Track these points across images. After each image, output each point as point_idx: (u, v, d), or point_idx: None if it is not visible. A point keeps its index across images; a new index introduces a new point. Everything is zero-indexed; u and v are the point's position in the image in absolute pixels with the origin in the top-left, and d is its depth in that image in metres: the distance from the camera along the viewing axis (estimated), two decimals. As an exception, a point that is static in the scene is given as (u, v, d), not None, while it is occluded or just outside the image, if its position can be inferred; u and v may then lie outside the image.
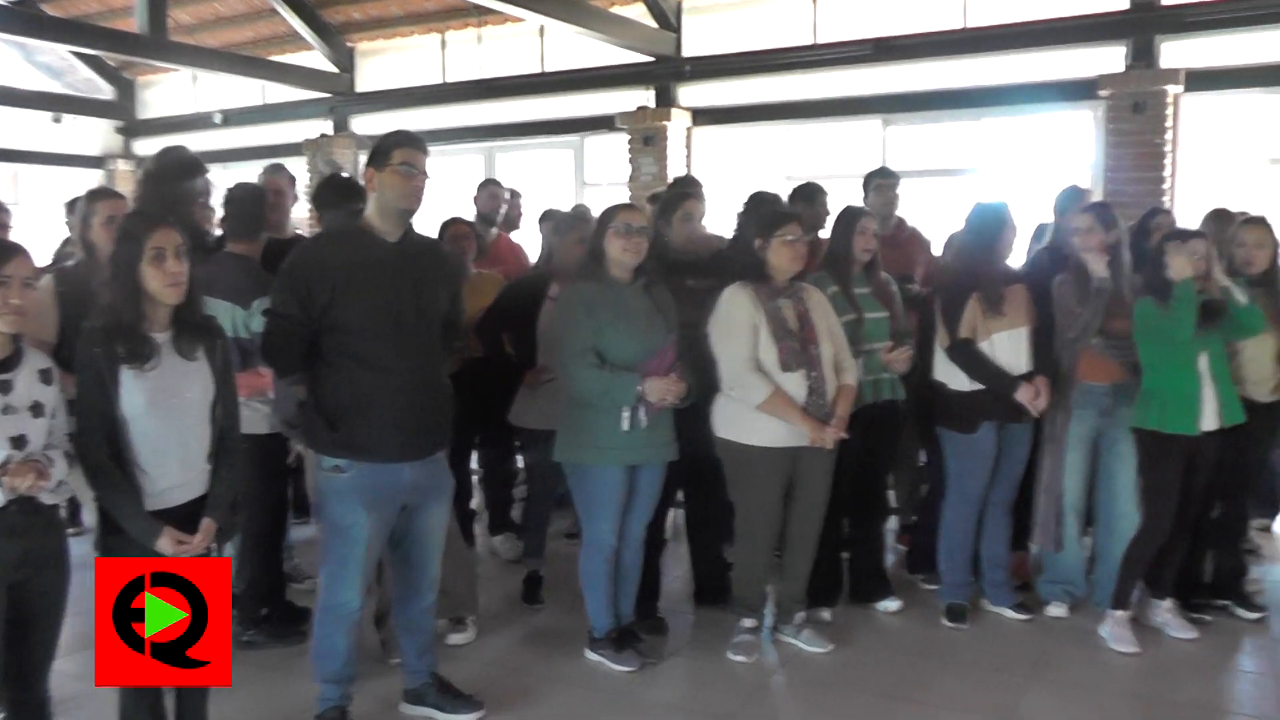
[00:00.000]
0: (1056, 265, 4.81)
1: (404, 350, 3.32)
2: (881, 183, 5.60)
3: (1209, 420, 4.35)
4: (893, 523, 5.85)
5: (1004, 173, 8.59)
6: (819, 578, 4.54)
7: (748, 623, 4.39)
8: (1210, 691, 4.13)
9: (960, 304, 4.49)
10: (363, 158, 5.94)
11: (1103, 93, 7.73)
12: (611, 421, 3.92)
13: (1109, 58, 7.83)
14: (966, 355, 4.50)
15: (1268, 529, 6.06)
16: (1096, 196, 7.38)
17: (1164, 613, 4.64)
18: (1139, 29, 7.74)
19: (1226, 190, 7.28)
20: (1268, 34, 7.41)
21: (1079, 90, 7.89)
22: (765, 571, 4.40)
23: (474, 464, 5.84)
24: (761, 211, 4.53)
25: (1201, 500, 4.57)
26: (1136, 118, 7.57)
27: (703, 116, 9.55)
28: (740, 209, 5.07)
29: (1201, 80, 7.62)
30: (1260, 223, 4.77)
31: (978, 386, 4.51)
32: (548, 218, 5.96)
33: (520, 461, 5.71)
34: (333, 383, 3.31)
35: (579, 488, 4.09)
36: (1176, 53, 7.73)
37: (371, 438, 3.30)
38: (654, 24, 9.39)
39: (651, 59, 9.42)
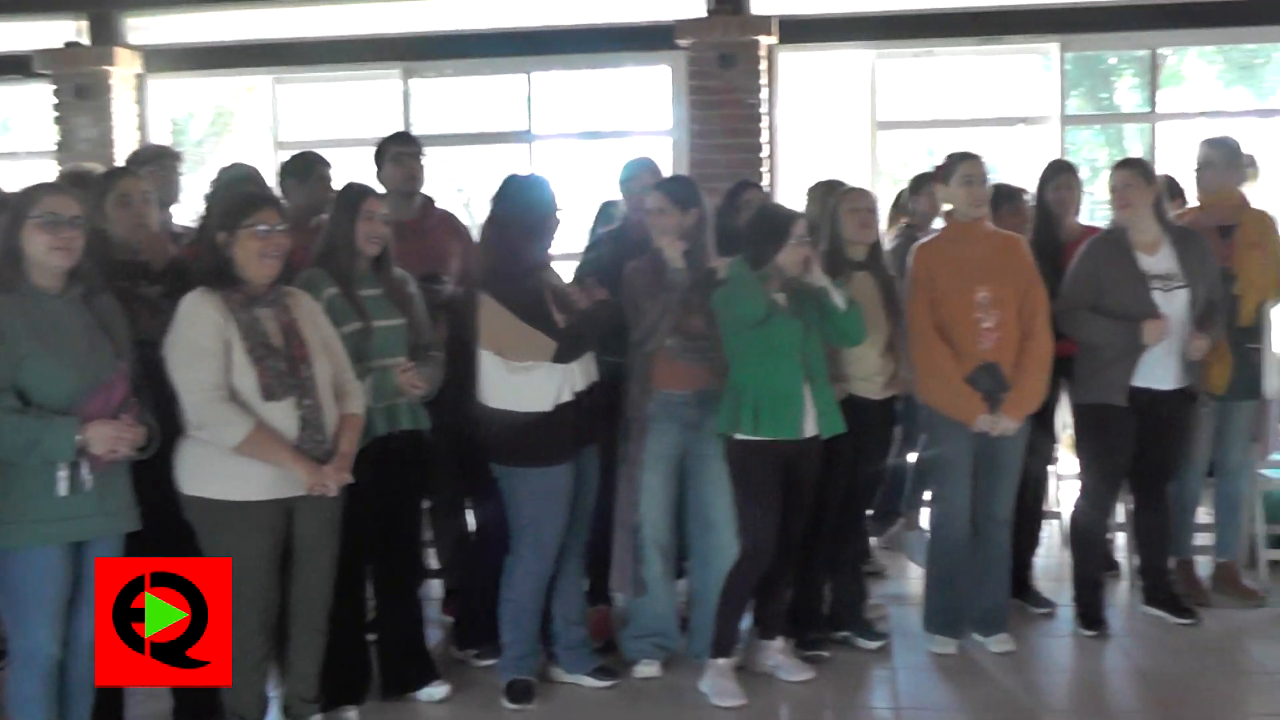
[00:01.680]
0: (625, 252, 5.01)
1: None
2: (400, 150, 5.46)
3: (809, 426, 4.68)
4: (436, 588, 5.90)
5: (564, 139, 8.94)
6: (336, 667, 4.41)
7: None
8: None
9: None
10: None
11: (682, 42, 8.16)
12: (43, 484, 3.65)
13: (687, 1, 8.29)
14: None
15: (891, 545, 6.67)
16: (682, 168, 7.90)
17: (775, 654, 4.93)
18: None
19: (832, 157, 7.99)
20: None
21: (654, 38, 8.25)
22: (262, 667, 4.23)
23: None
24: (224, 198, 4.40)
25: (811, 518, 4.90)
26: (725, 73, 8.10)
27: (158, 60, 8.97)
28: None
29: (797, 30, 8.27)
30: (862, 194, 5.21)
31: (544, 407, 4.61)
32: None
33: None
34: None
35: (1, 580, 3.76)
36: (767, 1, 8.30)
37: None
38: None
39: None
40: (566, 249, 5.34)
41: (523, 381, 4.57)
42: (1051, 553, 6.40)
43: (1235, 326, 5.55)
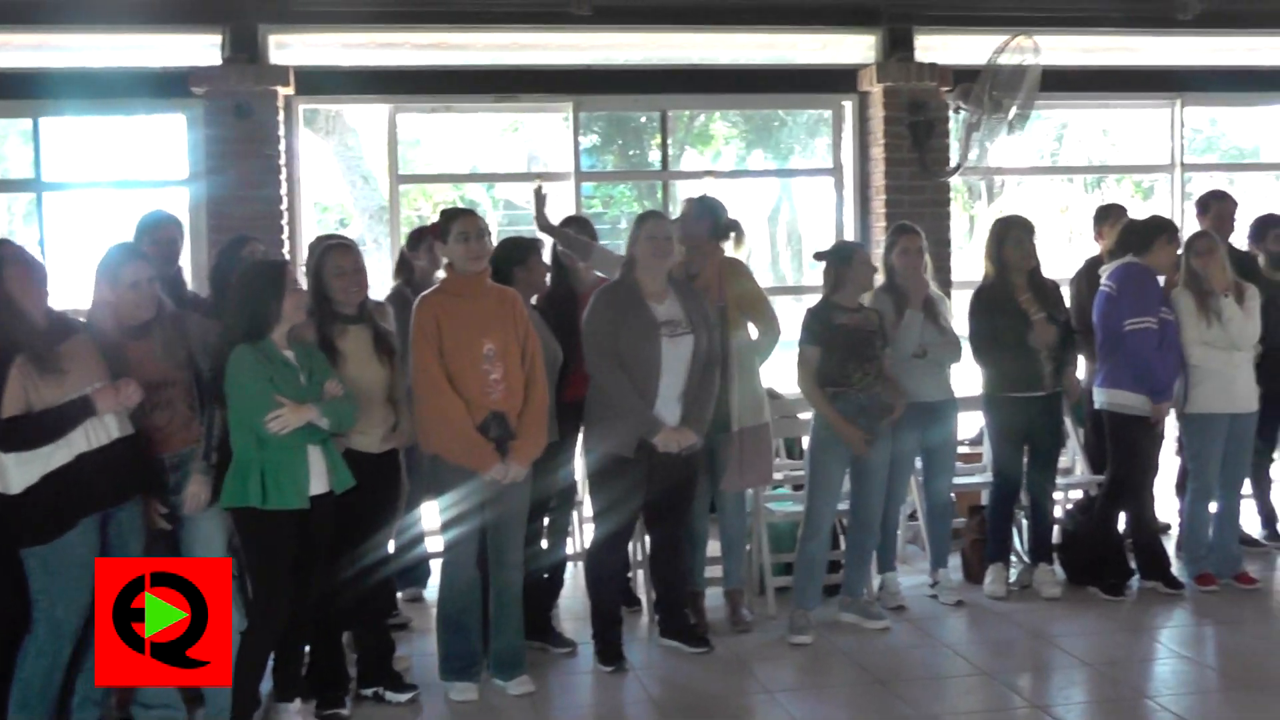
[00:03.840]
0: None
1: None
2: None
3: (317, 484, 4.75)
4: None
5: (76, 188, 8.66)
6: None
7: None
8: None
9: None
10: None
11: (197, 90, 8.03)
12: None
13: (203, 49, 8.19)
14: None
15: (419, 598, 6.75)
16: (200, 218, 7.77)
17: (293, 717, 4.92)
18: (236, 17, 8.16)
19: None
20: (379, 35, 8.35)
21: (169, 85, 8.09)
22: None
23: None
24: None
25: (324, 573, 4.94)
26: (241, 124, 8.00)
27: None
28: None
29: (315, 82, 8.33)
30: (346, 251, 5.27)
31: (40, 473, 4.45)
32: None
33: None
34: None
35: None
36: (286, 49, 8.34)
37: None
38: None
39: None
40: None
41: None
42: (576, 592, 6.67)
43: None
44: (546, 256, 6.12)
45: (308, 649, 5.12)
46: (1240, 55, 9.78)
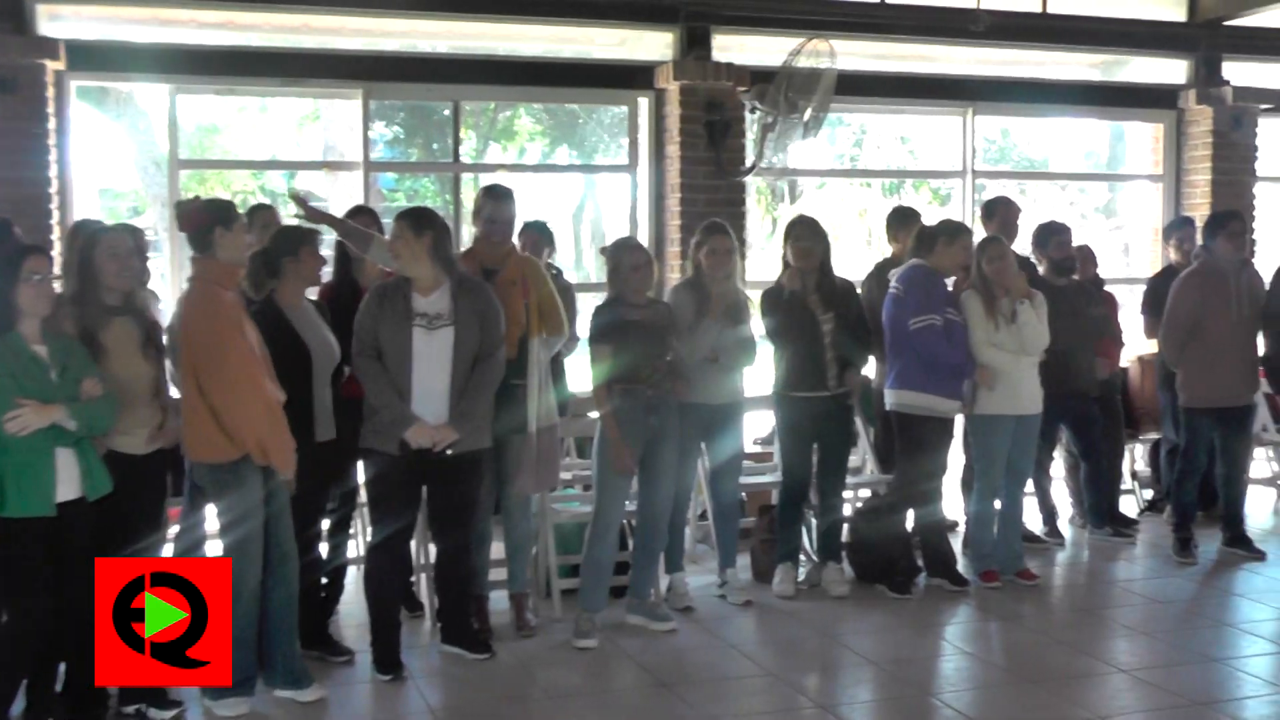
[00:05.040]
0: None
1: None
2: None
3: (67, 490, 4.52)
4: None
5: None
6: None
7: None
8: None
9: None
10: None
11: (-45, 63, 7.53)
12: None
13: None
14: None
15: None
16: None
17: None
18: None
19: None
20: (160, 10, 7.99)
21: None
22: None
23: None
24: None
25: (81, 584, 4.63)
26: (5, 99, 7.54)
27: None
28: None
29: (89, 57, 7.92)
30: (121, 238, 4.99)
31: None
32: None
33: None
34: None
35: None
36: (58, 21, 7.90)
37: None
38: None
39: None
40: None
41: None
42: (360, 598, 6.46)
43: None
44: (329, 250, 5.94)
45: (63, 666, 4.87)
46: (1029, 68, 10.10)
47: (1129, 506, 8.56)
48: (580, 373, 6.42)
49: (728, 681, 5.57)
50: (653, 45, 8.90)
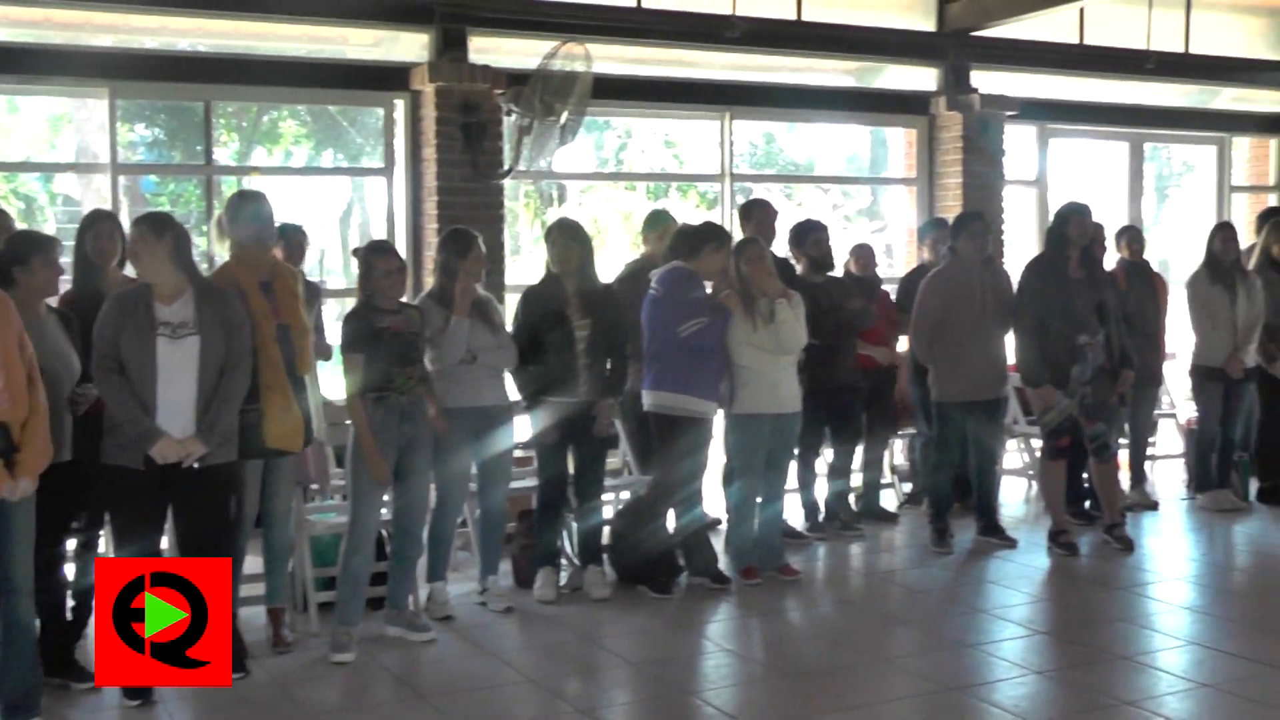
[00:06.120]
0: None
1: None
2: None
3: None
4: None
5: None
6: None
7: None
8: None
9: None
10: None
11: None
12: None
13: None
14: None
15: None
16: None
17: None
18: None
19: None
20: None
21: None
22: None
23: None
24: None
25: None
26: None
27: None
28: None
29: None
30: None
31: None
32: None
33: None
34: None
35: None
36: None
37: None
38: None
39: None
40: None
41: None
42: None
43: (296, 376, 5.84)
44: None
45: None
46: (786, 74, 10.36)
47: (889, 500, 8.88)
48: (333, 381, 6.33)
49: (488, 690, 5.54)
50: (408, 46, 8.81)
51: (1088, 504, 8.37)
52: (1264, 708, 5.19)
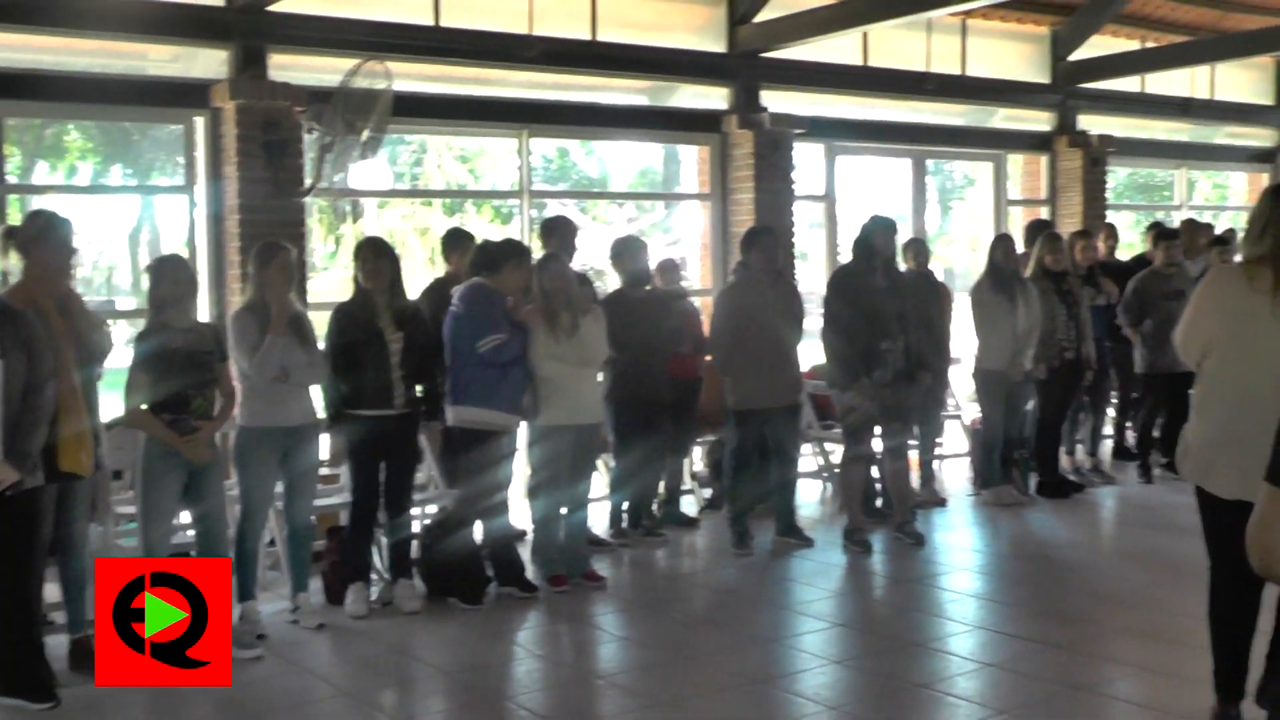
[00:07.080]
0: None
1: None
2: None
3: None
4: None
5: None
6: None
7: None
8: None
9: None
10: None
11: None
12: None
13: None
14: None
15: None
16: None
17: None
18: None
19: None
20: None
21: None
22: None
23: None
24: None
25: None
26: None
27: None
28: None
29: None
30: None
31: None
32: None
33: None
34: None
35: None
36: None
37: None
38: None
39: None
40: None
41: None
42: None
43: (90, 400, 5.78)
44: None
45: None
46: (582, 93, 10.59)
47: (689, 506, 9.16)
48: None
49: (305, 706, 5.58)
50: (208, 63, 8.71)
51: (879, 502, 8.81)
52: (1040, 681, 5.62)
